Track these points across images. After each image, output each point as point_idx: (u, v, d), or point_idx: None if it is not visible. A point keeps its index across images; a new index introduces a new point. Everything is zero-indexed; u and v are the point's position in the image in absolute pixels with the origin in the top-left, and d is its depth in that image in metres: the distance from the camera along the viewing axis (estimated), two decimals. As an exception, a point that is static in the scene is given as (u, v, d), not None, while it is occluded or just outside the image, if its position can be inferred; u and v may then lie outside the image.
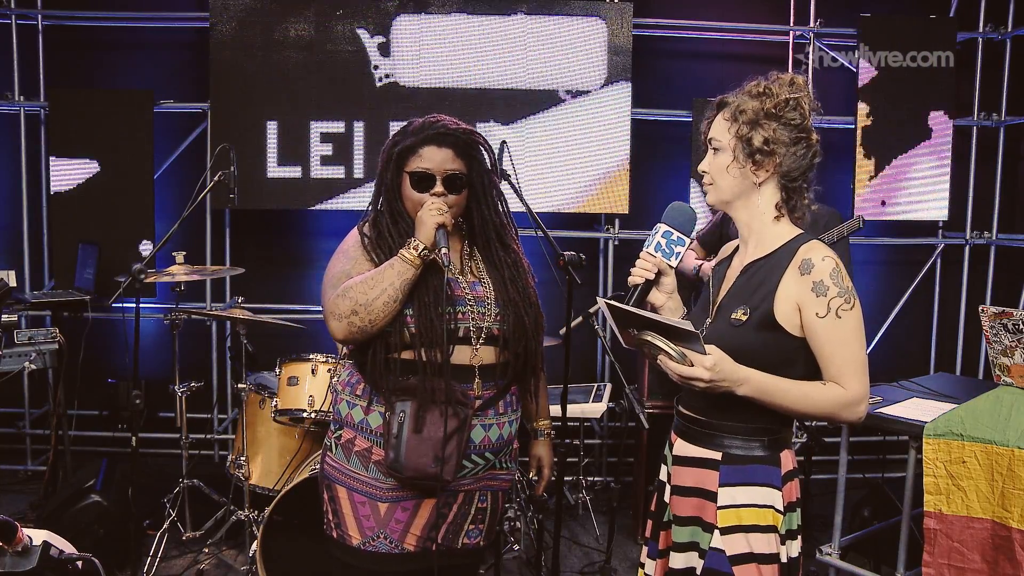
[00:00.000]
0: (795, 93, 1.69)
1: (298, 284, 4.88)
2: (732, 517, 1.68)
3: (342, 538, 1.93)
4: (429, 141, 1.91)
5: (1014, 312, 2.87)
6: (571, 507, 4.25)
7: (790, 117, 1.68)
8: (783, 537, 1.69)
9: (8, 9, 4.58)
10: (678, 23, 4.78)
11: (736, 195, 1.74)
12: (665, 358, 1.60)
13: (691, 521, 1.74)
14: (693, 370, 1.58)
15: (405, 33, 4.56)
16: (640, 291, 1.78)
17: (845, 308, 1.62)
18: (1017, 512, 2.42)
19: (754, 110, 1.68)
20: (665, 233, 1.79)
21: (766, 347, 1.66)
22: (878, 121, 4.71)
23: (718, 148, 1.74)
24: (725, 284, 1.80)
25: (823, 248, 1.68)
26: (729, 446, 1.71)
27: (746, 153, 1.69)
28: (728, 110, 1.72)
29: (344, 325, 1.82)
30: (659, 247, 1.79)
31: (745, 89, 1.73)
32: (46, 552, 1.78)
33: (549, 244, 2.73)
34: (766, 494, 1.69)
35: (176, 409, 3.72)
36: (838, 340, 1.62)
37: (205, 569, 3.44)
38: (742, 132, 1.69)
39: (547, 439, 2.21)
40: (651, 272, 1.78)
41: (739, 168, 1.71)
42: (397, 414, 1.84)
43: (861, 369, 1.65)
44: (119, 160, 4.56)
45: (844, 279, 1.64)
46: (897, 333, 4.96)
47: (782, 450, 1.73)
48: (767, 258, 1.72)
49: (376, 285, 1.81)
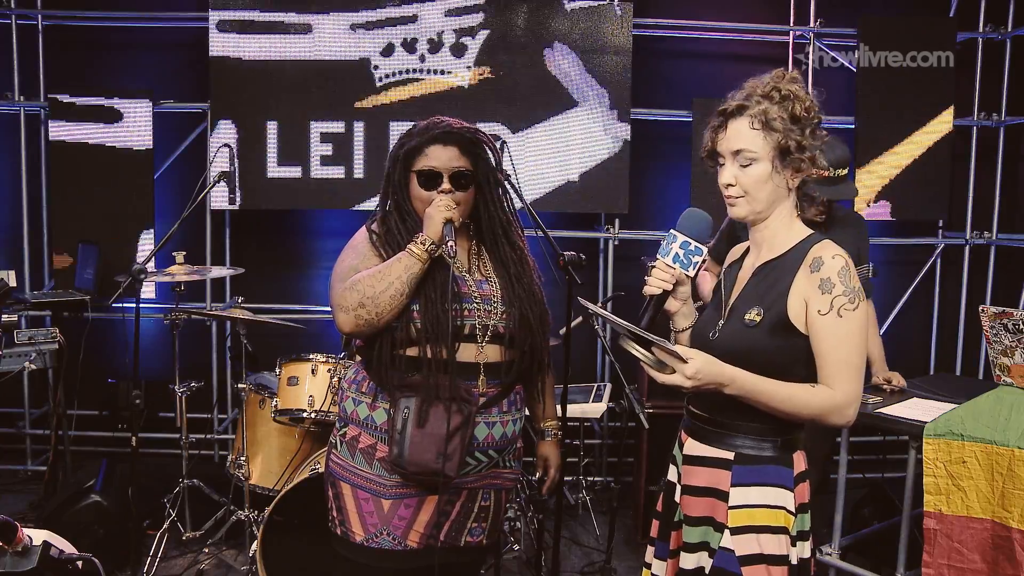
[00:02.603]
0: (803, 89, 1.69)
1: (298, 284, 4.88)
2: (743, 517, 1.67)
3: (346, 535, 1.93)
4: (434, 140, 1.95)
5: (1014, 312, 2.87)
6: (571, 507, 4.25)
7: (813, 117, 1.68)
8: (794, 538, 1.68)
9: (8, 9, 4.58)
10: (678, 23, 4.78)
11: (772, 204, 1.71)
12: (644, 366, 1.60)
13: (703, 521, 1.73)
14: (673, 378, 1.57)
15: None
16: (656, 301, 1.76)
17: (848, 308, 1.61)
18: (1017, 512, 2.42)
19: (782, 116, 1.66)
20: (683, 244, 1.74)
21: (779, 349, 1.66)
22: (878, 121, 4.70)
23: (753, 159, 1.67)
24: (737, 286, 1.79)
25: (834, 247, 1.67)
26: (741, 446, 1.70)
27: (783, 161, 1.67)
28: (754, 119, 1.67)
29: (351, 318, 1.83)
30: (677, 258, 1.74)
31: (758, 93, 1.68)
32: (46, 552, 1.78)
33: (549, 244, 2.73)
34: (778, 495, 1.68)
35: (176, 409, 3.71)
36: (836, 339, 1.61)
37: (205, 569, 3.44)
38: (778, 140, 1.65)
39: (555, 440, 2.22)
40: (669, 284, 1.75)
41: (778, 175, 1.68)
42: (401, 410, 1.85)
43: (855, 373, 1.63)
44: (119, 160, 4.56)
45: (852, 279, 1.62)
46: (897, 333, 4.95)
47: (794, 451, 1.72)
48: (780, 259, 1.72)
49: (383, 279, 1.83)
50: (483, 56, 4.58)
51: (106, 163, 4.56)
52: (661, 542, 1.86)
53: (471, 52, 4.58)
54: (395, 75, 4.57)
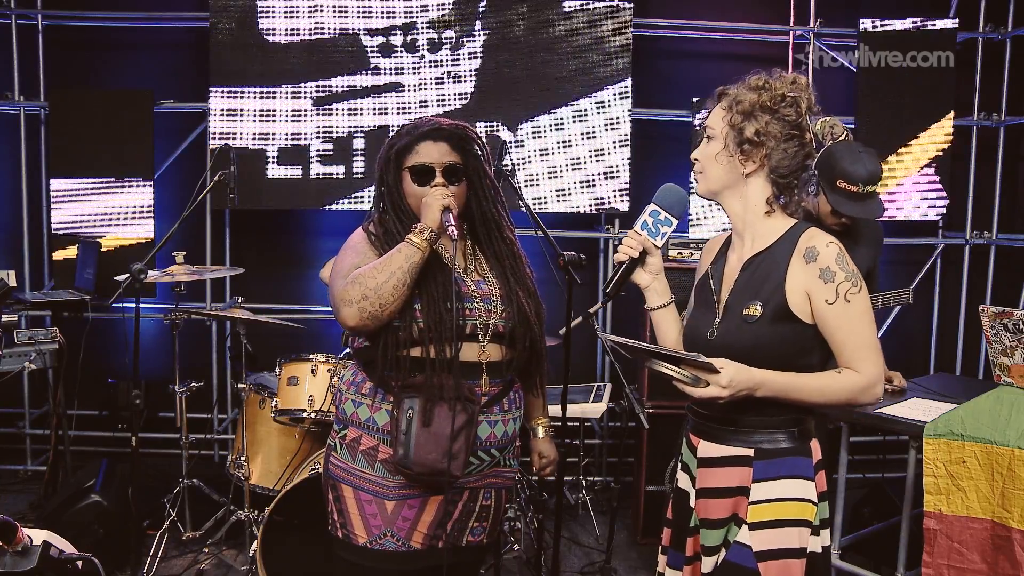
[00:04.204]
0: (794, 91, 1.70)
1: (298, 284, 4.88)
2: (766, 512, 1.67)
3: (348, 537, 1.93)
4: (425, 137, 1.96)
5: (1014, 312, 2.87)
6: (571, 507, 4.25)
7: (785, 113, 1.68)
8: (816, 527, 1.69)
9: (8, 9, 4.58)
10: (678, 23, 4.78)
11: (724, 185, 1.76)
12: (678, 383, 1.61)
13: (725, 522, 1.71)
14: (710, 390, 1.59)
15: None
16: (625, 269, 1.80)
17: (853, 292, 1.63)
18: (1017, 512, 2.42)
19: (751, 102, 1.69)
20: (653, 212, 1.81)
21: (783, 339, 1.66)
22: (878, 121, 4.70)
23: (711, 136, 1.75)
24: (726, 282, 1.79)
25: (823, 234, 1.69)
26: (760, 441, 1.70)
27: (736, 143, 1.70)
28: (726, 100, 1.74)
29: (355, 311, 1.82)
30: (645, 225, 1.80)
31: (746, 82, 1.73)
32: (46, 552, 1.78)
33: (549, 244, 2.73)
34: (801, 486, 1.68)
35: (176, 409, 3.71)
36: (849, 324, 1.64)
37: (205, 569, 3.44)
38: (735, 121, 1.70)
39: (547, 436, 2.23)
40: (635, 250, 1.79)
41: (728, 157, 1.72)
42: (405, 411, 1.85)
43: (874, 351, 1.66)
44: (119, 160, 4.56)
45: (848, 263, 1.65)
46: (897, 333, 4.96)
47: (810, 439, 1.73)
48: (768, 251, 1.72)
49: (385, 269, 1.83)
50: (483, 56, 4.58)
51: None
52: (675, 551, 1.83)
53: (471, 52, 4.58)
54: (395, 75, 4.57)
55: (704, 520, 1.74)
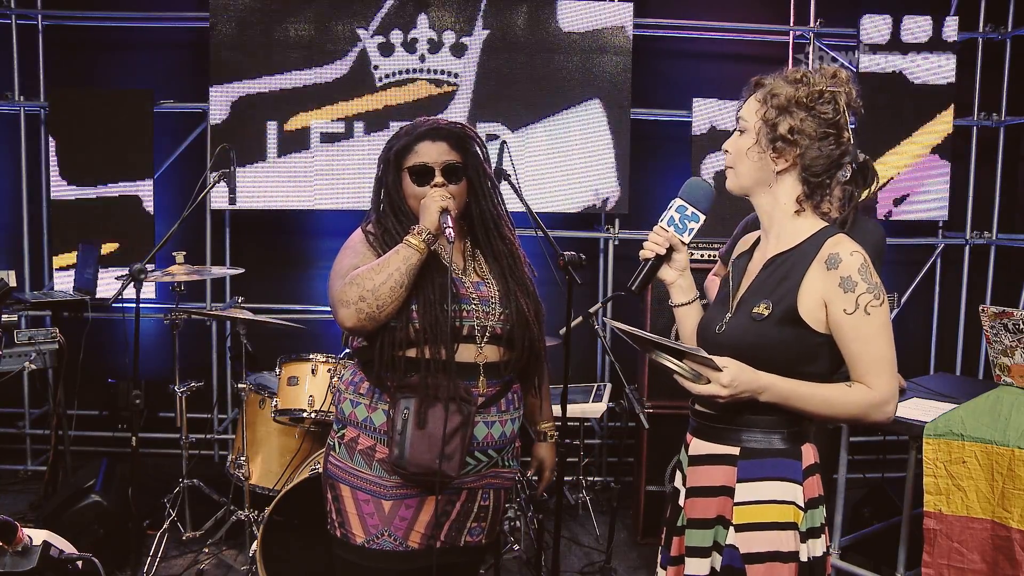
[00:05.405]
0: (834, 86, 1.63)
1: (298, 284, 4.88)
2: (750, 514, 1.62)
3: (346, 537, 1.93)
4: (424, 137, 1.96)
5: (1014, 312, 2.87)
6: (571, 507, 4.25)
7: (822, 110, 1.61)
8: (804, 535, 1.62)
9: (8, 9, 4.58)
10: (678, 23, 4.78)
11: (755, 182, 1.69)
12: (678, 378, 1.58)
13: (712, 523, 1.67)
14: (710, 388, 1.54)
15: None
16: (651, 266, 1.76)
17: (874, 304, 1.57)
18: (1017, 512, 2.42)
19: (787, 96, 1.62)
20: (679, 208, 1.75)
21: (787, 343, 1.61)
22: (878, 121, 4.70)
23: (743, 129, 1.67)
24: (747, 278, 1.74)
25: (850, 242, 1.61)
26: (748, 440, 1.64)
27: (769, 139, 1.63)
28: (761, 91, 1.66)
29: (353, 312, 1.83)
30: (671, 221, 1.75)
31: (784, 74, 1.66)
32: (46, 552, 1.78)
33: (549, 244, 2.73)
34: (786, 489, 1.62)
35: (176, 409, 3.71)
36: (866, 337, 1.57)
37: (205, 569, 3.44)
38: (769, 116, 1.63)
39: (551, 442, 2.23)
40: (662, 247, 1.74)
41: (759, 153, 1.65)
42: (401, 411, 1.85)
43: (889, 367, 1.60)
44: (119, 160, 4.56)
45: (872, 275, 1.58)
46: (897, 333, 4.89)
47: (803, 443, 1.66)
48: (791, 252, 1.66)
49: (383, 270, 1.83)
50: (483, 56, 4.58)
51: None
52: (665, 549, 1.81)
53: (471, 52, 4.58)
54: (395, 75, 4.58)
55: (691, 520, 1.71)
